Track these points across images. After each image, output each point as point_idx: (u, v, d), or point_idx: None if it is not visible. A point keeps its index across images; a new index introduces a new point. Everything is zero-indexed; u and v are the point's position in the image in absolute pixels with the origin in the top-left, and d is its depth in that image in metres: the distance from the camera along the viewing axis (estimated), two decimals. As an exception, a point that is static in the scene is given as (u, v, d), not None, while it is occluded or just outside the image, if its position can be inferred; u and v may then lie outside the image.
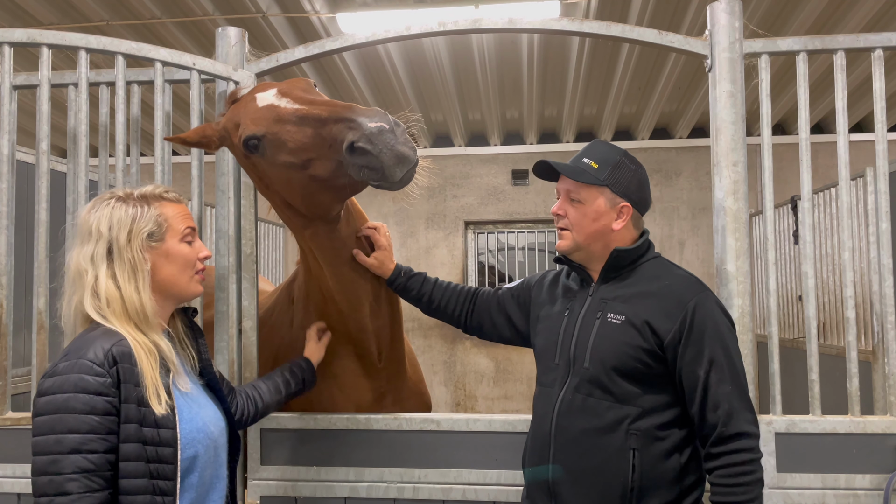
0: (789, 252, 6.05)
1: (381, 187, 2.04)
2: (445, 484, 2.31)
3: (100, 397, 1.51)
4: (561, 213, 2.02)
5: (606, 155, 2.00)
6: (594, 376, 1.87)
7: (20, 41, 2.35)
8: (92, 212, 1.71)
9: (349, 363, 2.47)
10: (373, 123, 1.94)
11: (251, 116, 2.11)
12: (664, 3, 5.10)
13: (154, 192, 1.77)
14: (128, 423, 1.53)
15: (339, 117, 1.99)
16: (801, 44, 2.35)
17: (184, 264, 1.75)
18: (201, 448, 1.66)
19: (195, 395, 1.73)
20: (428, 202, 8.37)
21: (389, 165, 1.95)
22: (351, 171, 2.00)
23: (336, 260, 2.33)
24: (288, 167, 2.07)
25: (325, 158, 2.03)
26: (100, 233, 1.67)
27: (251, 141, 2.08)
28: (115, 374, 1.54)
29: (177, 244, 1.75)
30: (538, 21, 2.45)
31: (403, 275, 2.40)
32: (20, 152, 3.59)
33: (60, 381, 1.51)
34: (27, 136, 6.60)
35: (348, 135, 1.95)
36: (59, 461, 1.46)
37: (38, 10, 5.22)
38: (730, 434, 1.78)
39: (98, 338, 1.58)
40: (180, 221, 1.77)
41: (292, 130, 2.04)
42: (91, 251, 1.67)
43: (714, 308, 1.88)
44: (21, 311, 3.50)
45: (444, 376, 8.20)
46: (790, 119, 7.65)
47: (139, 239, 1.68)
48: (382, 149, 1.93)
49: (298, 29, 5.69)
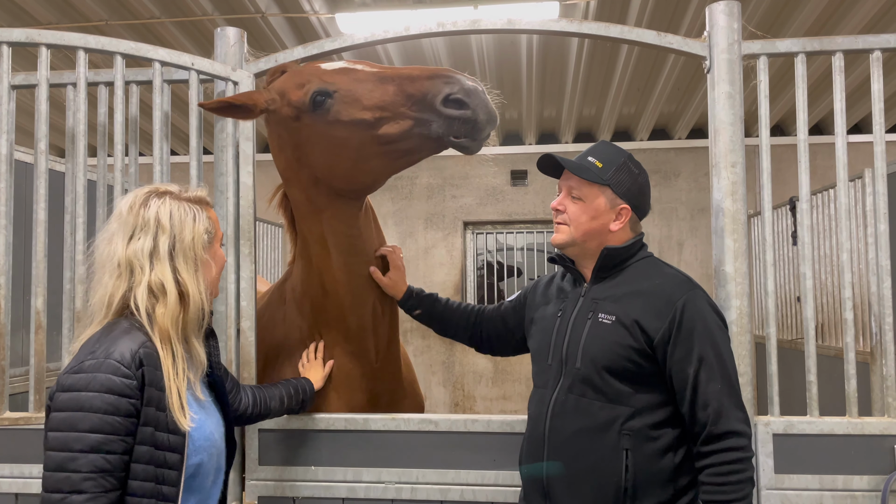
0: (787, 253, 6.05)
1: (459, 146, 2.16)
2: (443, 484, 2.31)
3: (125, 399, 1.50)
4: (561, 208, 2.03)
5: (611, 156, 2.01)
6: (586, 376, 1.88)
7: (19, 41, 2.35)
8: (146, 207, 1.67)
9: (345, 363, 2.47)
10: (470, 82, 2.11)
11: (321, 76, 2.21)
12: (663, 4, 5.10)
13: (200, 195, 1.77)
14: (146, 426, 1.53)
15: (433, 74, 2.13)
16: (800, 45, 2.35)
17: (220, 268, 1.79)
18: (206, 455, 1.67)
19: (206, 403, 1.74)
20: (427, 202, 8.37)
21: (482, 121, 2.11)
22: (437, 125, 2.11)
23: (350, 248, 2.36)
24: (355, 125, 2.15)
25: (400, 117, 2.14)
26: (161, 228, 1.64)
27: (319, 96, 2.17)
28: (141, 377, 1.53)
29: (219, 249, 1.78)
30: (537, 22, 2.45)
31: (415, 296, 2.46)
32: (19, 152, 3.59)
33: (87, 379, 1.49)
34: (26, 135, 6.59)
35: (444, 88, 2.09)
36: (78, 459, 1.45)
37: (36, 9, 5.22)
38: (719, 433, 1.78)
39: (122, 337, 1.56)
40: (219, 227, 1.80)
41: (370, 88, 2.16)
42: (150, 246, 1.63)
43: (704, 306, 1.88)
44: (19, 310, 3.50)
45: (442, 377, 8.20)
46: (789, 120, 7.65)
47: (201, 240, 1.69)
48: (478, 104, 2.09)
49: (297, 29, 5.69)
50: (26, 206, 3.09)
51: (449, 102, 2.09)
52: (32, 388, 2.35)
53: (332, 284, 2.39)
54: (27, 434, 2.37)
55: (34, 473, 2.36)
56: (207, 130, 3.04)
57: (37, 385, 2.34)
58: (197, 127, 2.44)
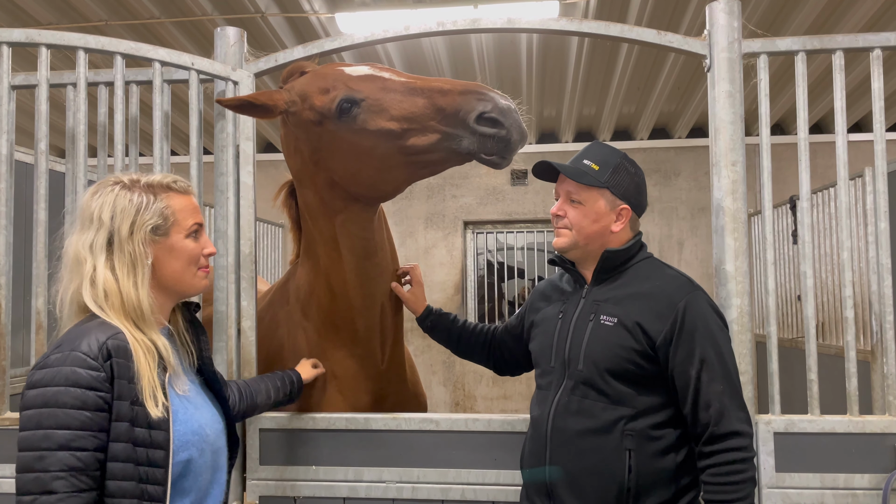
0: (788, 252, 6.05)
1: (489, 163, 2.15)
2: (444, 484, 2.31)
3: (92, 392, 1.43)
4: (561, 213, 2.02)
5: (607, 157, 2.01)
6: (588, 378, 1.88)
7: (19, 41, 2.35)
8: (95, 197, 1.62)
9: (351, 365, 2.47)
10: (504, 100, 2.10)
11: (348, 83, 2.18)
12: (663, 2, 5.10)
13: (162, 181, 1.68)
14: (119, 421, 1.45)
15: (466, 90, 2.12)
16: (800, 44, 2.35)
17: (188, 260, 1.68)
18: (195, 451, 1.58)
19: (192, 396, 1.66)
20: (427, 202, 8.37)
21: (515, 140, 2.11)
22: (468, 142, 2.11)
23: (363, 252, 2.36)
24: (381, 135, 2.14)
25: (428, 130, 2.13)
26: (101, 221, 1.58)
27: (346, 104, 2.14)
28: (110, 369, 1.46)
29: (182, 240, 1.67)
30: (537, 21, 2.45)
31: (434, 314, 2.49)
32: (19, 152, 3.59)
33: (52, 374, 1.43)
34: (26, 136, 6.59)
35: (478, 105, 2.08)
36: (46, 458, 1.39)
37: (36, 9, 5.22)
38: (721, 433, 1.78)
39: (93, 329, 1.50)
40: (188, 216, 1.69)
41: (399, 98, 2.14)
42: (91, 239, 1.58)
43: (705, 307, 1.88)
44: (20, 311, 3.50)
45: (443, 376, 8.20)
46: (789, 119, 7.65)
47: (142, 232, 1.59)
48: (512, 123, 2.09)
49: (297, 29, 5.69)
50: (26, 207, 3.09)
51: (483, 120, 2.08)
52: (33, 388, 2.35)
53: (342, 287, 2.38)
54: (28, 434, 2.36)
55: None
56: (207, 130, 3.05)
57: (37, 385, 2.34)
58: (197, 127, 2.44)
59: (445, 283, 8.30)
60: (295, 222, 2.59)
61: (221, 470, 1.72)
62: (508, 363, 2.42)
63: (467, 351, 2.48)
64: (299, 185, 2.43)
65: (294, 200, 2.55)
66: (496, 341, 2.42)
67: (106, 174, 2.47)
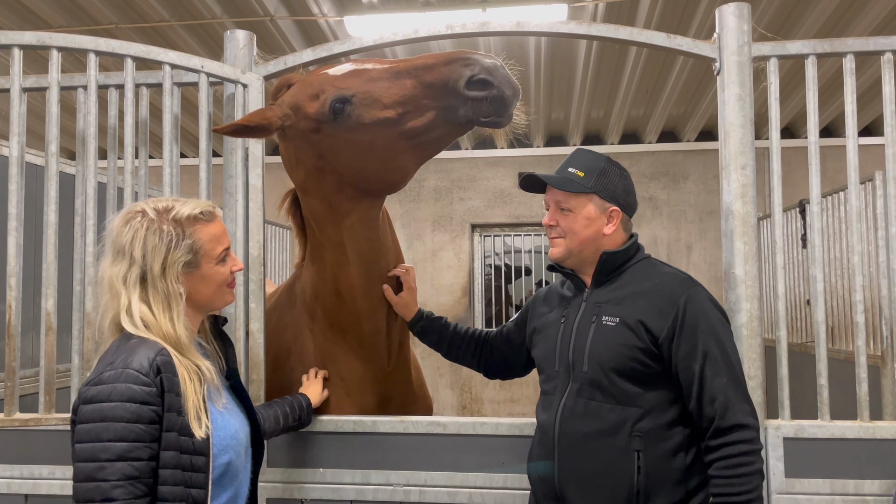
0: (797, 256, 6.02)
1: (489, 124, 2.14)
2: (451, 487, 2.31)
3: (146, 406, 1.53)
4: (553, 223, 2.05)
5: (591, 163, 2.03)
6: (594, 379, 1.89)
7: (30, 44, 2.37)
8: (125, 228, 1.68)
9: (357, 367, 2.47)
10: (488, 59, 2.08)
11: (334, 83, 2.17)
12: (672, 6, 5.09)
13: (191, 214, 1.72)
14: (169, 431, 1.56)
15: (449, 59, 2.10)
16: (811, 47, 2.34)
17: (219, 284, 1.77)
18: (233, 454, 1.70)
19: (226, 403, 1.76)
20: (434, 205, 8.37)
21: (509, 96, 2.08)
22: (464, 110, 2.09)
23: (370, 254, 2.36)
24: (379, 125, 2.13)
25: (423, 109, 2.12)
26: (133, 258, 1.65)
27: (338, 104, 2.13)
28: (160, 384, 1.56)
29: (212, 268, 1.74)
30: (546, 24, 2.44)
31: (425, 318, 2.47)
32: (29, 154, 3.61)
33: (108, 390, 1.53)
34: (36, 138, 6.63)
35: (465, 71, 2.07)
36: (106, 468, 1.48)
37: (47, 13, 5.25)
38: (727, 426, 1.79)
39: (140, 347, 1.60)
40: (216, 244, 1.74)
41: (387, 86, 2.13)
42: (124, 273, 1.65)
43: (705, 302, 1.89)
44: (29, 312, 3.52)
45: (449, 379, 8.19)
46: (798, 122, 7.62)
47: (174, 271, 1.66)
48: (502, 80, 2.07)
49: (306, 32, 5.70)
50: (37, 208, 3.11)
51: (472, 85, 2.07)
52: (42, 389, 2.36)
53: (349, 290, 2.38)
54: (37, 435, 2.38)
55: (44, 474, 2.37)
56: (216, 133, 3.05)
57: (47, 386, 2.35)
58: (206, 129, 2.45)
59: (453, 286, 8.29)
60: (300, 229, 2.60)
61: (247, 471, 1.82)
62: (499, 367, 2.42)
63: (457, 354, 2.47)
64: (304, 195, 2.43)
65: (298, 208, 2.56)
66: (487, 345, 2.42)
67: (115, 176, 2.49)
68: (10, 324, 2.33)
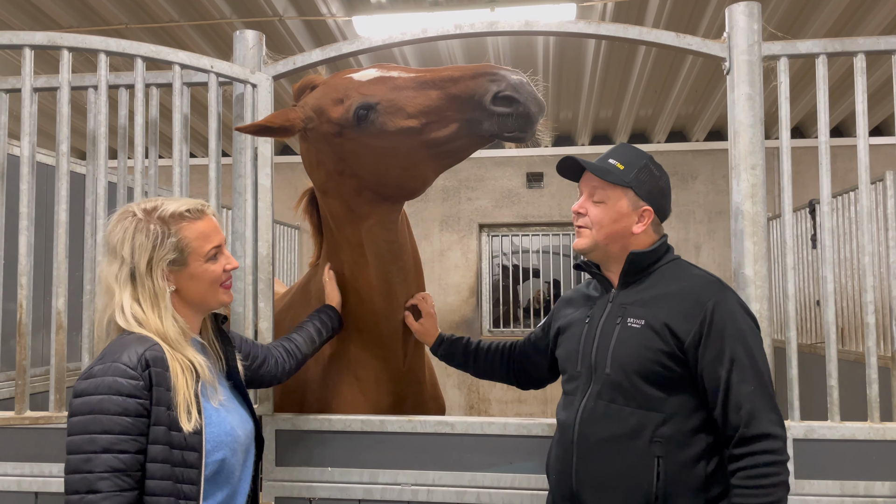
0: (807, 256, 6.00)
1: (513, 138, 2.15)
2: (459, 487, 2.31)
3: (132, 399, 1.55)
4: (582, 211, 2.00)
5: (633, 158, 1.99)
6: (616, 382, 1.85)
7: (41, 44, 2.38)
8: (116, 227, 1.72)
9: (373, 367, 2.48)
10: (515, 76, 2.11)
11: (359, 90, 2.18)
12: (681, 5, 5.08)
13: (177, 211, 1.73)
14: (157, 425, 1.57)
15: (476, 73, 2.12)
16: (821, 46, 2.32)
17: (210, 283, 1.76)
18: (228, 451, 1.69)
19: (224, 401, 1.76)
20: (442, 205, 8.38)
21: (534, 113, 2.11)
22: (488, 124, 2.11)
23: (389, 255, 2.37)
24: (402, 134, 2.14)
25: (447, 120, 2.14)
26: (122, 257, 1.68)
27: (361, 111, 2.14)
28: (148, 378, 1.58)
29: (201, 266, 1.74)
30: (554, 23, 2.44)
31: (446, 341, 2.46)
32: (40, 154, 3.63)
33: (96, 384, 1.55)
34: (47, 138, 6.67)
35: (491, 87, 2.09)
36: (92, 460, 1.50)
37: (58, 13, 5.29)
38: (752, 435, 1.72)
39: (132, 342, 1.62)
40: (204, 242, 1.74)
41: (412, 95, 2.14)
42: (115, 271, 1.69)
43: (734, 307, 1.84)
44: (40, 311, 3.54)
45: (457, 379, 8.19)
46: (808, 122, 7.58)
47: (160, 268, 1.68)
48: (528, 97, 2.10)
49: (315, 32, 5.72)
50: (47, 208, 3.12)
51: (498, 100, 2.09)
52: (53, 387, 2.37)
53: (368, 291, 2.39)
54: (47, 433, 2.39)
55: (54, 472, 2.38)
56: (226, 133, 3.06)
57: (57, 385, 2.36)
58: (216, 129, 2.46)
59: (460, 286, 8.29)
60: (316, 228, 2.61)
61: (248, 469, 1.82)
62: (532, 377, 2.37)
63: (487, 370, 2.43)
64: (323, 196, 2.43)
65: (315, 208, 2.57)
66: (516, 356, 2.37)
67: (126, 176, 2.50)
68: (20, 322, 2.35)
